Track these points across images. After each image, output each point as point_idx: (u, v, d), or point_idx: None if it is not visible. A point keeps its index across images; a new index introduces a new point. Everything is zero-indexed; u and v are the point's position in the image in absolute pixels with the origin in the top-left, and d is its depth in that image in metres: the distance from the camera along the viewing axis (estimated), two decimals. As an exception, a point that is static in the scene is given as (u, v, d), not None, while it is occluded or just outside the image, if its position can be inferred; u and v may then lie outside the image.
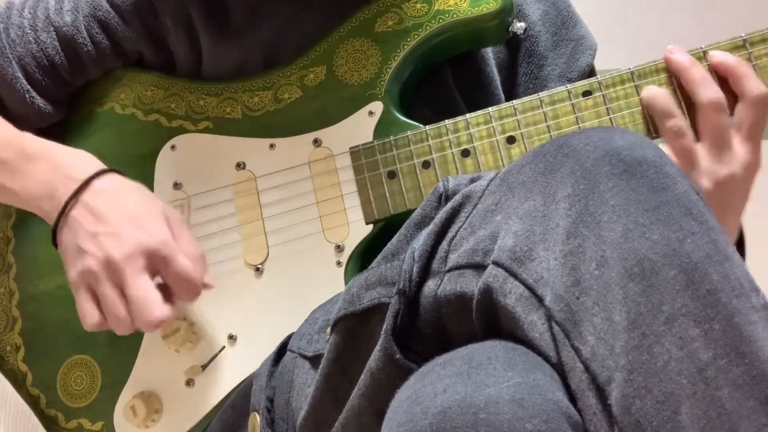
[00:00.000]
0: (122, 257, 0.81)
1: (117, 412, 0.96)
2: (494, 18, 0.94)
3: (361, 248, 0.93)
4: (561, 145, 0.64)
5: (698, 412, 0.52)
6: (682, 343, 0.53)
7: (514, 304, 0.61)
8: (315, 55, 0.98)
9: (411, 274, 0.68)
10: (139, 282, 0.82)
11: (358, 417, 0.71)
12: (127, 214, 0.85)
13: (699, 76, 0.86)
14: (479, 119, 0.92)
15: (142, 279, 0.82)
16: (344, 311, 0.73)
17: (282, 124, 0.98)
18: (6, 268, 1.03)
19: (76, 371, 0.98)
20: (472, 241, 0.66)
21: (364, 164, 0.93)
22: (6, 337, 1.01)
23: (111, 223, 0.84)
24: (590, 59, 1.07)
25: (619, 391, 0.54)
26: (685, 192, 0.59)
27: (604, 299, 0.56)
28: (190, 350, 0.94)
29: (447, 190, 0.74)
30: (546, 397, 0.55)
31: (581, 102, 0.90)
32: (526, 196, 0.64)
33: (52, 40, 1.00)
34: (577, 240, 0.59)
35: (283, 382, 0.83)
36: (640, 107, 0.88)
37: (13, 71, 0.99)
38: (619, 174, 0.60)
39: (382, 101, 0.95)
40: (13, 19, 1.02)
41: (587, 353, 0.56)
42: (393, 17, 0.97)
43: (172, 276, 0.84)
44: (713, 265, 0.55)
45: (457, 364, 0.60)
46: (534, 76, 1.05)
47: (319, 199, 0.94)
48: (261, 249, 0.95)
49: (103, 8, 1.01)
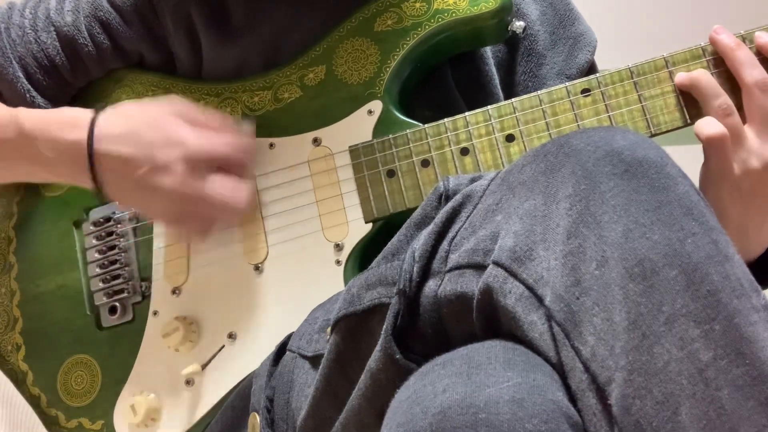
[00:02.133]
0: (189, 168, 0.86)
1: (117, 412, 0.96)
2: (493, 17, 0.94)
3: (360, 247, 0.93)
4: (562, 144, 0.64)
5: (698, 412, 0.52)
6: (682, 343, 0.53)
7: (514, 304, 0.61)
8: (314, 54, 0.98)
9: (411, 274, 0.68)
10: (207, 180, 0.87)
11: (358, 417, 0.71)
12: (150, 132, 0.88)
13: (745, 56, 0.86)
14: (478, 117, 0.92)
15: (206, 177, 0.87)
16: (344, 311, 0.73)
17: (282, 123, 0.98)
18: (7, 267, 1.03)
19: (77, 371, 0.98)
20: (473, 241, 0.66)
21: (363, 163, 0.93)
22: (7, 337, 1.01)
23: (144, 147, 0.87)
24: (589, 56, 1.07)
25: (619, 391, 0.54)
26: (686, 192, 0.59)
27: (604, 299, 0.56)
28: (189, 349, 0.94)
29: (447, 189, 0.74)
30: (546, 397, 0.55)
31: (580, 100, 0.90)
32: (527, 195, 0.64)
33: (53, 40, 1.00)
34: (578, 240, 0.59)
35: (282, 382, 0.83)
36: (639, 104, 0.88)
37: (14, 71, 0.99)
38: (620, 174, 0.60)
39: (382, 100, 0.95)
40: (14, 19, 1.02)
41: (587, 353, 0.56)
42: (392, 16, 0.97)
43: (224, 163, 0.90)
44: (714, 265, 0.55)
45: (456, 364, 0.60)
46: (533, 74, 1.05)
47: (318, 198, 0.94)
48: (260, 248, 0.95)
49: (103, 8, 1.01)
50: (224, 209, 0.89)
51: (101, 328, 0.99)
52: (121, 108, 0.92)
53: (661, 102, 0.89)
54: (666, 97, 0.88)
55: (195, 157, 0.87)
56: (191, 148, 0.87)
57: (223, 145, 0.90)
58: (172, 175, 0.86)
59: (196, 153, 0.87)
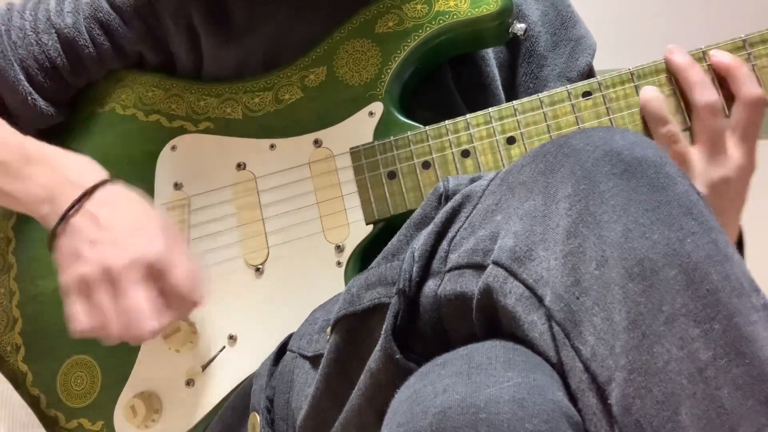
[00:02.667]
0: (121, 266, 0.82)
1: (117, 412, 0.96)
2: (494, 19, 0.94)
3: (361, 248, 0.93)
4: (561, 145, 0.64)
5: (698, 412, 0.52)
6: (682, 343, 0.53)
7: (514, 304, 0.61)
8: (315, 55, 0.98)
9: (411, 274, 0.68)
10: (134, 292, 0.82)
11: (358, 417, 0.71)
12: (128, 224, 0.85)
13: (696, 78, 0.86)
14: (479, 119, 0.92)
15: (137, 289, 0.82)
16: (344, 311, 0.73)
17: (282, 124, 0.98)
18: (6, 268, 1.03)
19: (77, 371, 0.98)
20: (472, 241, 0.66)
21: (364, 164, 0.93)
22: (6, 337, 1.01)
23: (112, 232, 0.84)
24: (589, 59, 1.07)
25: (619, 391, 0.54)
26: (685, 192, 0.59)
27: (604, 299, 0.56)
28: (190, 350, 0.94)
29: (447, 190, 0.74)
30: (546, 397, 0.55)
31: (581, 102, 0.90)
32: (527, 196, 0.64)
33: (54, 42, 1.00)
34: (577, 240, 0.59)
35: (283, 382, 0.83)
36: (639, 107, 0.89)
37: (15, 73, 0.99)
38: (619, 174, 0.60)
39: (383, 102, 0.95)
40: (14, 21, 1.02)
41: (587, 353, 0.56)
42: (393, 18, 0.97)
43: (168, 289, 0.84)
44: (713, 265, 0.55)
45: (457, 364, 0.60)
46: (534, 76, 1.05)
47: (319, 200, 0.94)
48: (261, 249, 0.95)
49: (103, 9, 1.01)
50: (123, 318, 0.82)
51: (101, 328, 0.99)
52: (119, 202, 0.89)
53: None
54: (667, 100, 0.88)
55: (150, 262, 0.83)
56: (154, 253, 0.83)
57: (180, 278, 0.85)
58: (119, 254, 0.82)
59: (156, 261, 0.83)
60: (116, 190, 0.88)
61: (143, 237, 0.84)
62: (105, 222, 0.85)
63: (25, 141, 0.92)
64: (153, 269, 0.83)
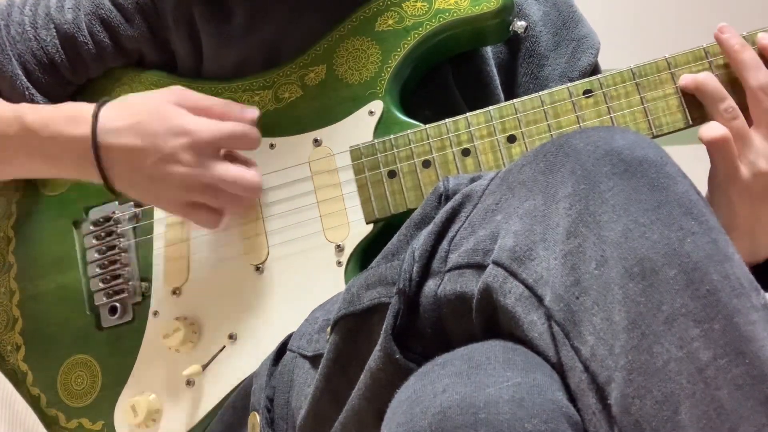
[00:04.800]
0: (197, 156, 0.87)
1: (117, 412, 0.96)
2: (495, 17, 0.94)
3: (361, 248, 0.93)
4: (561, 144, 0.64)
5: (698, 412, 0.52)
6: (681, 343, 0.53)
7: (513, 303, 0.61)
8: (315, 54, 0.98)
9: (411, 274, 0.68)
10: (221, 165, 0.89)
11: (357, 417, 0.71)
12: (157, 121, 0.88)
13: (750, 59, 0.85)
14: (479, 118, 0.91)
15: (219, 162, 0.89)
16: (344, 311, 0.73)
17: (282, 123, 0.98)
18: (6, 267, 1.03)
19: (77, 371, 0.98)
20: (473, 241, 0.66)
21: (364, 163, 0.93)
22: (6, 337, 1.01)
23: (156, 131, 0.87)
24: (592, 58, 1.06)
25: (618, 391, 0.54)
26: (685, 192, 0.59)
27: (603, 299, 0.56)
28: (190, 350, 0.94)
29: (447, 189, 0.74)
30: (545, 397, 0.55)
31: (582, 101, 0.90)
32: (527, 195, 0.64)
33: (53, 38, 1.00)
34: (577, 240, 0.59)
35: (282, 381, 0.83)
36: (641, 106, 0.88)
37: (13, 68, 0.99)
38: (619, 174, 0.60)
39: (383, 100, 0.95)
40: (13, 16, 1.02)
41: (587, 353, 0.56)
42: (393, 16, 0.97)
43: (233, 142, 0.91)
44: (713, 264, 0.55)
45: (456, 364, 0.60)
46: (534, 76, 1.05)
47: (319, 199, 0.94)
48: (261, 249, 0.95)
49: (105, 6, 1.01)
50: (236, 192, 0.90)
51: (101, 328, 0.99)
52: (123, 100, 0.93)
53: (663, 104, 0.88)
54: (668, 98, 0.88)
55: (201, 144, 0.87)
56: (196, 135, 0.88)
57: (227, 130, 0.90)
58: (180, 164, 0.87)
59: (202, 140, 0.88)
60: (111, 107, 0.91)
61: (175, 123, 0.88)
62: (136, 134, 0.88)
63: (21, 110, 0.93)
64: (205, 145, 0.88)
